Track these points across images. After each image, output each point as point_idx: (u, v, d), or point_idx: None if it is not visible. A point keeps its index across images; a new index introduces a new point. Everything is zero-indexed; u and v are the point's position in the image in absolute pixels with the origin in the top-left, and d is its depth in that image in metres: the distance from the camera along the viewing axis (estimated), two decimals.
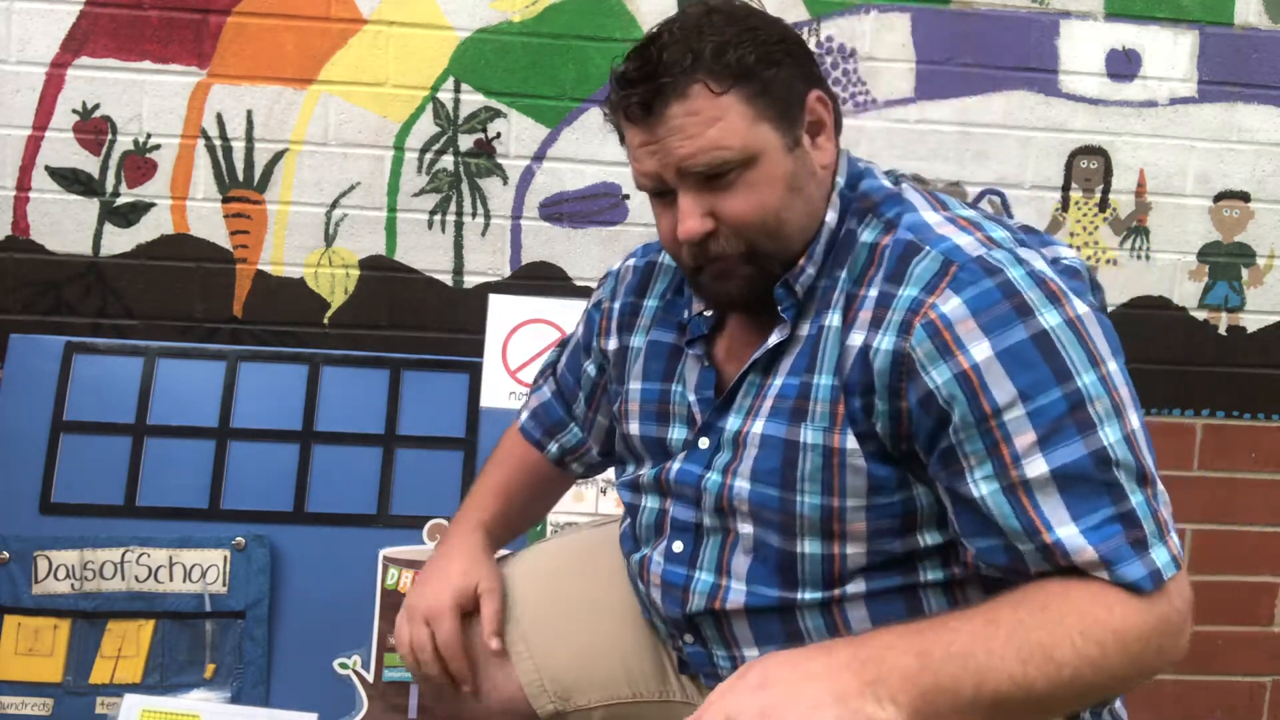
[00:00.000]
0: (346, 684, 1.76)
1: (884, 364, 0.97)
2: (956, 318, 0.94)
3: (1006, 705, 0.87)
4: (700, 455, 1.12)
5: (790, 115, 1.03)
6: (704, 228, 1.03)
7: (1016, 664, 0.86)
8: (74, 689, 1.71)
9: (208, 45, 1.92)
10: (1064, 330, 0.93)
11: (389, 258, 1.98)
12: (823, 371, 1.03)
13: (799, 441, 1.03)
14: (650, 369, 1.21)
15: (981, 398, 0.93)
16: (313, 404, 1.88)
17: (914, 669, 0.85)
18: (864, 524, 1.02)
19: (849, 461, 1.01)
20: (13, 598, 1.73)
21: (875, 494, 1.01)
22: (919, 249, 0.99)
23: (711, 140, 1.00)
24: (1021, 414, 0.92)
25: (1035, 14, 2.03)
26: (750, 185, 1.02)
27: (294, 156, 1.95)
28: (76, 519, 1.77)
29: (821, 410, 1.02)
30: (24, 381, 1.84)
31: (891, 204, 1.07)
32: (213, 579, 1.76)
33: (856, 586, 1.05)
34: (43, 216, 1.93)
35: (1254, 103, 2.07)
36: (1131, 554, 0.91)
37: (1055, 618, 0.88)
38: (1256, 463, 2.14)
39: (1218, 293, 2.11)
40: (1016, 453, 0.92)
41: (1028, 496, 0.92)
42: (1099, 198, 2.07)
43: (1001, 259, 0.96)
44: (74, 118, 1.91)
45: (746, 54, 1.00)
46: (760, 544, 1.07)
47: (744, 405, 1.09)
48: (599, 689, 1.24)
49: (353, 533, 1.81)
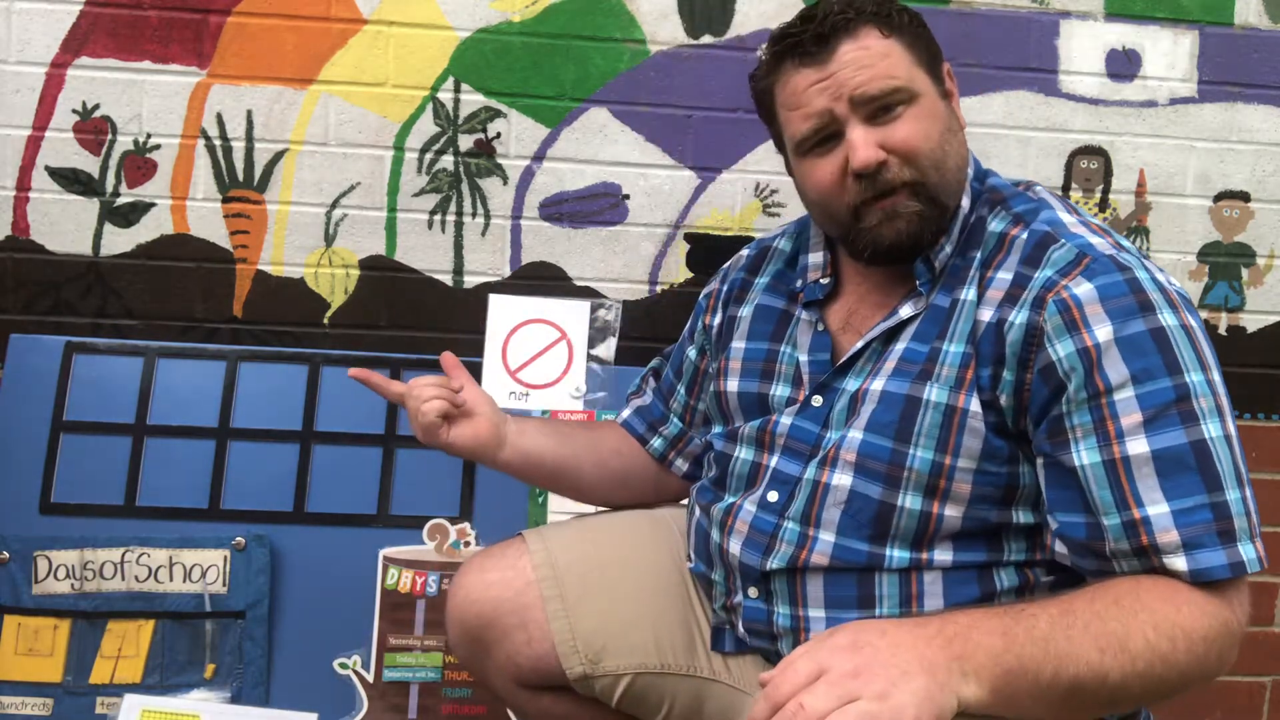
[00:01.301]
0: (346, 684, 1.76)
1: (1017, 336, 1.04)
2: (1086, 300, 1.02)
3: (1081, 692, 0.90)
4: (816, 412, 1.18)
5: (938, 73, 1.16)
6: (878, 156, 1.10)
7: (1094, 652, 0.90)
8: (74, 689, 1.71)
9: (208, 45, 1.91)
10: (1179, 332, 1.01)
11: (389, 258, 1.98)
12: (954, 339, 1.10)
13: (921, 398, 1.09)
14: (757, 330, 1.28)
15: (1096, 374, 1.00)
16: (313, 404, 1.88)
17: (998, 649, 0.88)
18: (969, 486, 1.08)
19: (969, 423, 1.07)
20: (13, 598, 1.73)
21: (987, 459, 1.07)
22: (1056, 240, 1.08)
23: (884, 70, 1.10)
24: (1131, 395, 0.99)
25: (1035, 14, 2.03)
26: (916, 118, 1.11)
27: (294, 156, 1.95)
28: (76, 519, 1.77)
29: (949, 374, 1.09)
30: (24, 381, 1.84)
31: (1021, 200, 1.15)
32: (213, 579, 1.76)
33: (944, 554, 1.10)
34: (43, 216, 1.93)
35: (1254, 103, 2.08)
36: (1216, 542, 0.96)
37: (1129, 610, 0.92)
38: (1256, 463, 2.14)
39: (1218, 293, 2.11)
40: (1121, 429, 0.99)
41: (1126, 472, 0.98)
42: (1099, 198, 2.07)
43: (1131, 261, 1.04)
44: (74, 118, 1.91)
45: (904, 17, 1.14)
46: (857, 496, 1.11)
47: (864, 369, 1.16)
48: (627, 655, 1.27)
49: (353, 533, 1.81)
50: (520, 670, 1.29)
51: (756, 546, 1.17)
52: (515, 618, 1.27)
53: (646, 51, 1.96)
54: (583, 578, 1.28)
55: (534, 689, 1.31)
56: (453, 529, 1.80)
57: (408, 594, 1.79)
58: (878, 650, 0.85)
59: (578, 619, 1.26)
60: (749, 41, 1.98)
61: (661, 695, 1.28)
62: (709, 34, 1.98)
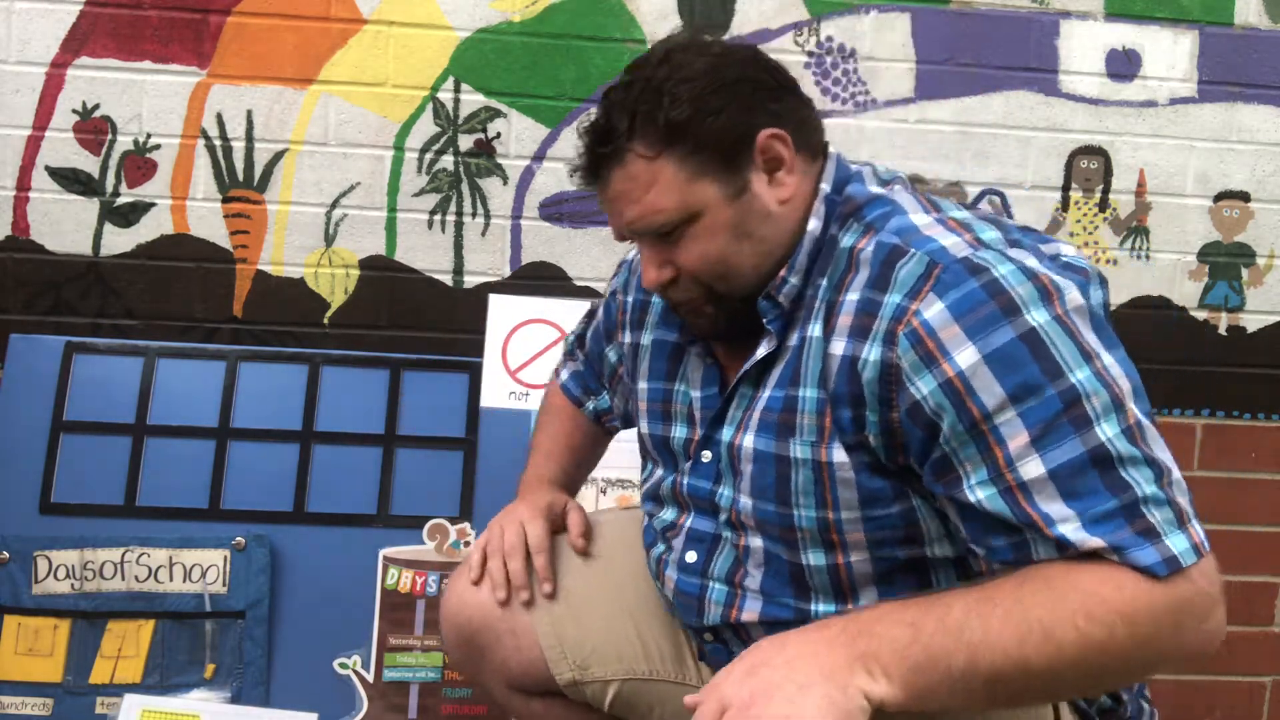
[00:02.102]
0: (346, 684, 1.76)
1: (873, 375, 0.96)
2: (939, 324, 0.92)
3: (1003, 683, 0.86)
4: (707, 469, 1.14)
5: (735, 162, 1.04)
6: (661, 278, 1.08)
7: (1013, 642, 0.84)
8: (74, 689, 1.71)
9: (208, 45, 1.91)
10: (1053, 326, 0.91)
11: (389, 258, 1.98)
12: (806, 384, 1.03)
13: (789, 457, 1.03)
14: (655, 368, 1.23)
15: (970, 404, 0.91)
16: (313, 404, 1.88)
17: (904, 640, 0.85)
18: (862, 534, 1.02)
19: (838, 475, 1.01)
20: (13, 598, 1.73)
21: (869, 506, 1.01)
22: (904, 252, 0.98)
23: (649, 204, 1.04)
24: (1013, 415, 0.90)
25: (1035, 14, 2.03)
26: (695, 238, 1.05)
27: (294, 156, 1.95)
28: (76, 519, 1.77)
29: (809, 424, 1.02)
30: (24, 381, 1.83)
31: (875, 206, 1.05)
32: (213, 579, 1.76)
33: (869, 597, 1.05)
34: (43, 216, 1.93)
35: (1254, 103, 2.07)
36: (1143, 543, 0.87)
37: (1058, 596, 0.86)
38: (1257, 463, 2.14)
39: (1218, 293, 2.11)
40: (1010, 456, 0.90)
41: (1026, 498, 0.90)
42: (1099, 198, 2.07)
43: (988, 258, 0.94)
44: (74, 118, 1.91)
45: (681, 111, 1.01)
46: (773, 557, 1.08)
47: (735, 417, 1.10)
48: (615, 663, 1.26)
49: (353, 533, 1.81)
50: (511, 675, 1.29)
51: (688, 609, 1.16)
52: (504, 624, 1.27)
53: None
54: (568, 587, 1.28)
55: (527, 693, 1.31)
56: (453, 529, 1.80)
57: (408, 594, 1.78)
58: (774, 669, 0.84)
59: (564, 627, 1.26)
60: (749, 41, 1.98)
61: (651, 701, 1.28)
62: (709, 34, 1.97)
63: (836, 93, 2.01)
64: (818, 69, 2.00)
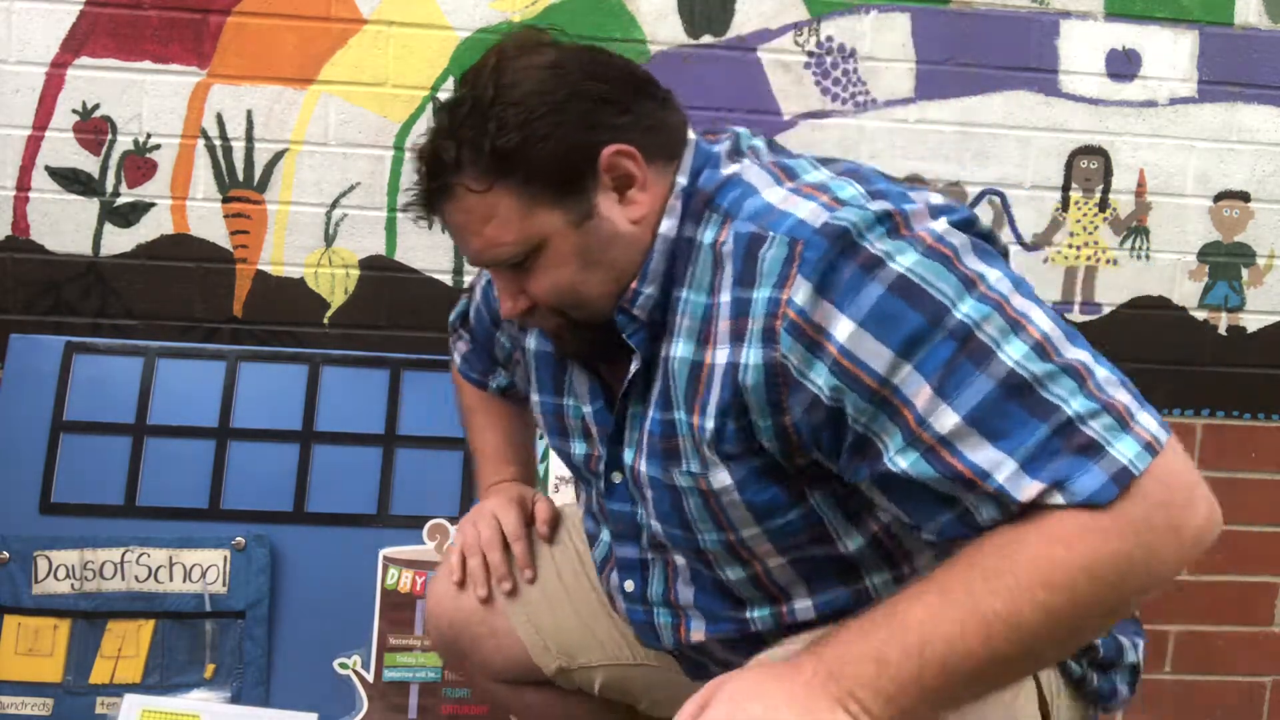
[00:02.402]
0: (346, 684, 1.76)
1: (757, 380, 0.89)
2: (811, 306, 0.85)
3: (983, 678, 0.82)
4: (621, 491, 1.09)
5: (576, 186, 0.96)
6: (518, 308, 1.02)
7: (978, 642, 0.79)
8: (74, 689, 1.71)
9: (208, 45, 1.91)
10: (923, 265, 0.84)
11: (389, 258, 1.98)
12: (679, 406, 0.97)
13: (677, 486, 1.00)
14: (542, 380, 1.17)
15: (863, 376, 0.84)
16: (313, 404, 1.88)
17: (872, 675, 0.80)
18: (769, 544, 0.99)
19: (725, 499, 0.96)
20: (13, 598, 1.73)
21: (766, 519, 0.97)
22: (763, 239, 0.90)
23: (489, 239, 0.97)
24: (910, 371, 0.83)
25: (1035, 14, 2.02)
26: (543, 269, 0.98)
27: (294, 156, 1.95)
28: (76, 519, 1.77)
29: (688, 448, 0.97)
30: (24, 381, 1.83)
31: (727, 190, 0.97)
32: (213, 579, 1.76)
33: (802, 602, 1.02)
34: (43, 216, 1.93)
35: (1254, 103, 2.07)
36: (1084, 463, 0.80)
37: (1010, 580, 0.80)
38: (1256, 463, 2.14)
39: (1218, 293, 2.11)
40: (919, 414, 0.83)
41: (949, 452, 0.83)
42: (1099, 198, 2.07)
43: (844, 217, 0.86)
44: (74, 118, 1.91)
45: (509, 139, 0.93)
46: (696, 573, 1.07)
47: (632, 438, 1.05)
48: (598, 650, 1.26)
49: (353, 533, 1.81)
50: (498, 672, 1.30)
51: (646, 635, 1.15)
52: (484, 626, 1.27)
53: (646, 52, 1.96)
54: (544, 578, 1.28)
55: (516, 684, 1.31)
56: (453, 529, 1.80)
57: (408, 594, 1.79)
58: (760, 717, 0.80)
59: (541, 619, 1.26)
60: (749, 41, 1.98)
61: (641, 686, 1.28)
62: (709, 34, 1.97)
63: (836, 93, 2.01)
64: (818, 69, 2.00)
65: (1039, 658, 0.85)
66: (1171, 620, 2.15)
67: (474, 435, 1.46)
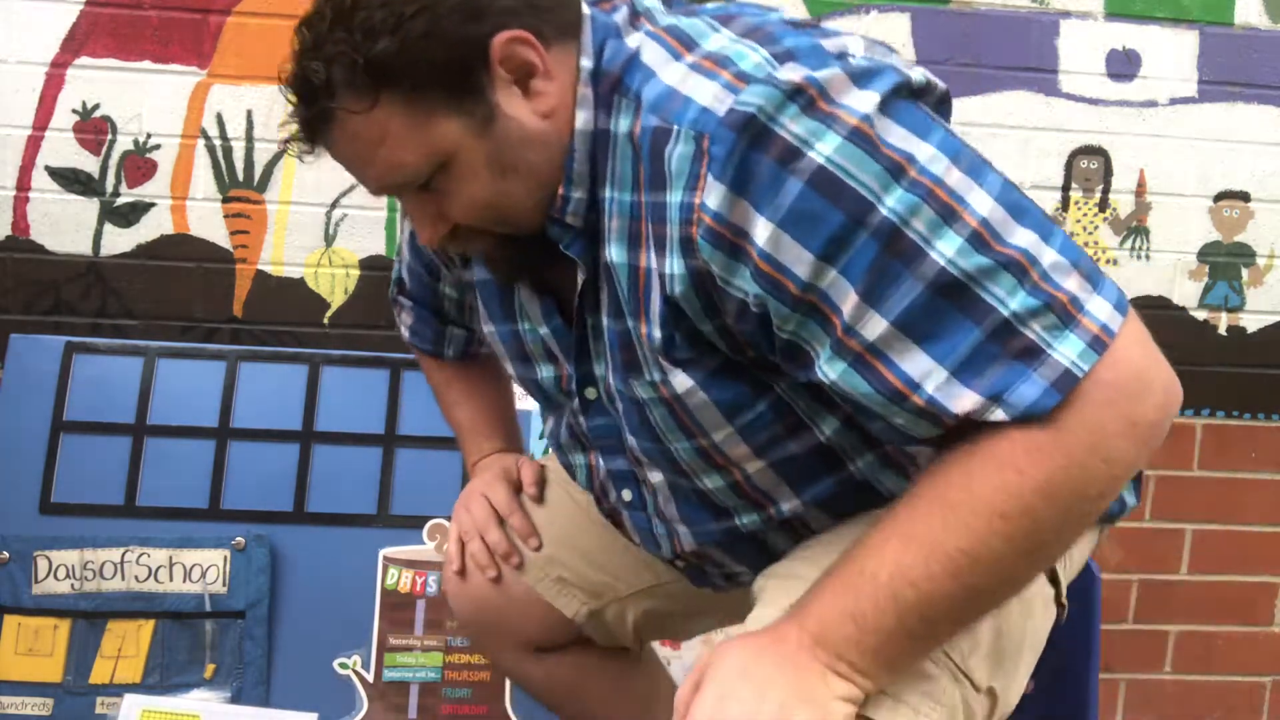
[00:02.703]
0: (346, 684, 1.75)
1: (686, 289, 0.83)
2: (726, 207, 0.78)
3: (967, 611, 0.81)
4: (599, 406, 1.02)
5: (470, 86, 0.85)
6: (438, 234, 0.93)
7: (949, 581, 0.77)
8: (74, 689, 1.71)
9: (208, 45, 1.91)
10: (844, 152, 0.75)
11: (389, 258, 1.98)
12: (628, 314, 0.90)
13: (641, 398, 0.93)
14: (492, 310, 1.07)
15: (786, 282, 0.77)
16: (313, 404, 1.88)
17: (853, 636, 0.79)
18: (744, 446, 0.92)
19: (690, 403, 0.90)
20: (13, 598, 1.73)
21: (735, 416, 0.90)
22: (667, 132, 0.81)
23: (385, 163, 0.87)
24: (834, 275, 0.76)
25: (1035, 14, 2.02)
26: (455, 186, 0.89)
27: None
28: (76, 519, 1.77)
29: (647, 357, 0.90)
30: (24, 381, 1.83)
31: (631, 72, 0.87)
32: (213, 579, 1.76)
33: (788, 502, 0.97)
34: (43, 216, 1.93)
35: (1254, 103, 2.08)
36: (1023, 370, 0.74)
37: (968, 514, 0.76)
38: (1256, 463, 2.14)
39: (1218, 293, 2.11)
40: (846, 321, 0.77)
41: (878, 360, 0.77)
42: (1099, 198, 2.07)
43: (750, 100, 0.76)
44: (74, 118, 1.91)
45: (383, 47, 0.82)
46: (675, 486, 1.01)
47: (598, 350, 0.97)
48: (621, 580, 1.23)
49: (353, 533, 1.81)
50: (532, 638, 1.27)
51: (649, 543, 1.11)
52: (501, 598, 1.25)
53: None
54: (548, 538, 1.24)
55: (547, 653, 1.28)
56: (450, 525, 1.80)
57: (408, 594, 1.78)
58: (745, 703, 0.78)
59: (555, 569, 1.23)
60: None
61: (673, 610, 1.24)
62: None
63: None
64: None
65: (1017, 580, 0.83)
66: (1171, 620, 2.15)
67: (449, 413, 1.41)
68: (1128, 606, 2.14)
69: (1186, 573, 2.15)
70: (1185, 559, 2.15)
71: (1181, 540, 2.14)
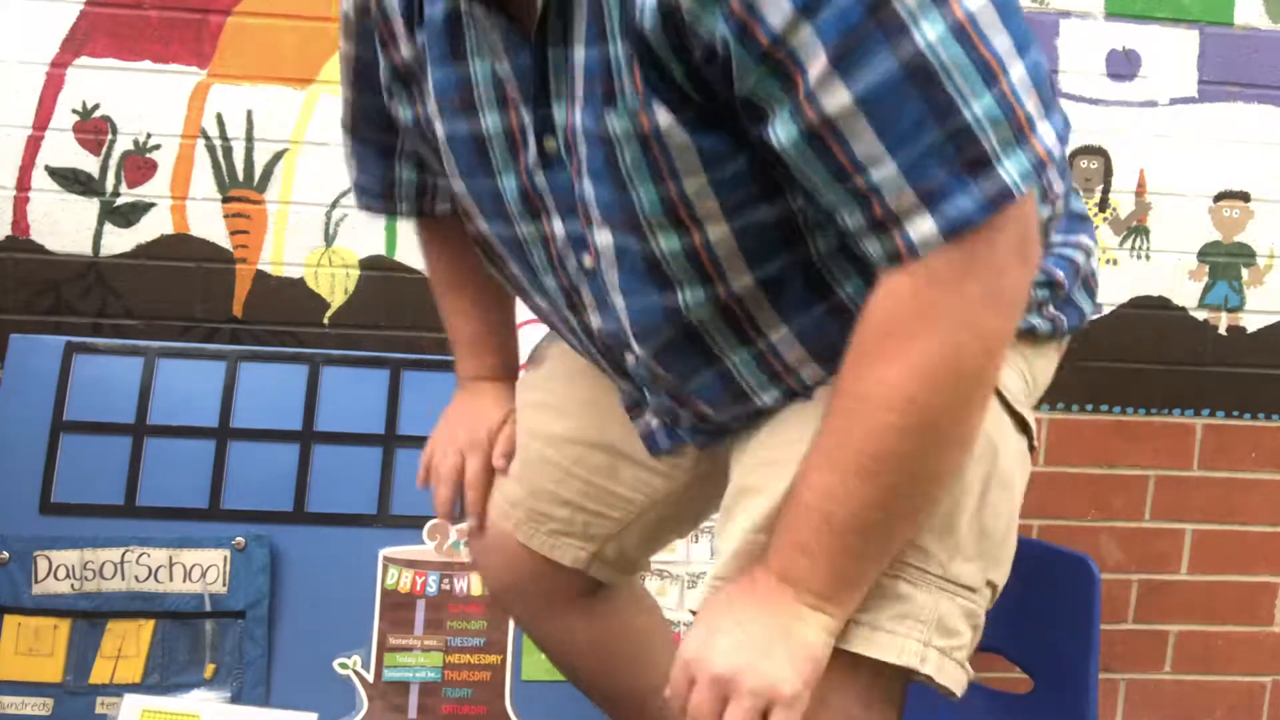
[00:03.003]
0: (346, 684, 1.76)
1: (654, 23, 0.77)
2: None
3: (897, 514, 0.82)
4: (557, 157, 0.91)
5: None
6: None
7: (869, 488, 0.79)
8: (74, 689, 1.71)
9: (208, 45, 1.92)
10: None
11: (389, 258, 1.98)
12: (615, 35, 0.81)
13: (612, 136, 0.84)
14: (436, 52, 0.95)
15: (757, 32, 0.72)
16: (313, 404, 1.88)
17: (807, 567, 0.82)
18: (714, 201, 0.85)
19: (668, 143, 0.82)
20: (13, 598, 1.73)
21: (713, 167, 0.83)
22: None
23: None
24: (809, 32, 0.71)
25: (1035, 14, 2.02)
26: None
27: (294, 156, 1.95)
28: (76, 519, 1.77)
29: (626, 88, 0.81)
30: (24, 381, 1.83)
31: None
32: (213, 579, 1.76)
33: (741, 279, 0.90)
34: (43, 216, 1.93)
35: (1254, 103, 2.08)
36: (964, 181, 0.73)
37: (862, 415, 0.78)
38: (1256, 463, 2.14)
39: (1218, 293, 2.11)
40: (810, 85, 0.72)
41: (833, 136, 0.74)
42: (1099, 198, 2.07)
43: None
44: (74, 118, 1.91)
45: None
46: (623, 251, 0.91)
47: (560, 89, 0.87)
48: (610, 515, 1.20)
49: (353, 533, 1.81)
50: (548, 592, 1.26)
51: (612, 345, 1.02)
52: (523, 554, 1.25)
53: None
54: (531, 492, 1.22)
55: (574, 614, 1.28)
56: (453, 529, 1.80)
57: (408, 594, 1.79)
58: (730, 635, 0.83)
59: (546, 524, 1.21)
60: None
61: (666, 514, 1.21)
62: None
63: None
64: None
65: (936, 471, 0.82)
66: (1171, 620, 2.15)
67: (448, 319, 1.34)
68: (1128, 606, 2.14)
69: (1186, 573, 2.15)
70: (1185, 559, 2.15)
71: (1181, 540, 2.14)
